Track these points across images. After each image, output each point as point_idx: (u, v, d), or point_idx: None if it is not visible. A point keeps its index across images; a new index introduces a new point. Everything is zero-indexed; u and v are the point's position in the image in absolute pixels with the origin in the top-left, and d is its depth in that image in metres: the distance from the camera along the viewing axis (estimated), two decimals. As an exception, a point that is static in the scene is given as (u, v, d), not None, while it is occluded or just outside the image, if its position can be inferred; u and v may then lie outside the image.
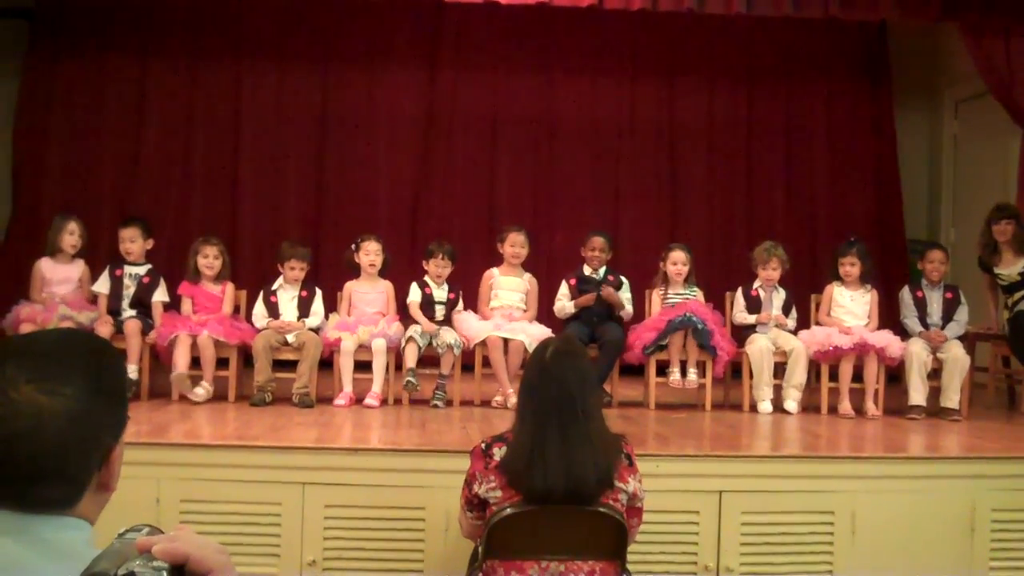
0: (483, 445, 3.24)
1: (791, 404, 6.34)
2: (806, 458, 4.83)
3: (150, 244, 6.63)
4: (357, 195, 8.93)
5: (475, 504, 3.24)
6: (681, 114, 9.29)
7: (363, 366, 6.26)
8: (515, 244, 6.76)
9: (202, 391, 6.11)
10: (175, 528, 1.38)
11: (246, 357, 6.35)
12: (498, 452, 3.19)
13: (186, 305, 6.43)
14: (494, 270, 6.80)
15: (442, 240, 6.90)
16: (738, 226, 9.09)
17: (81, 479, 1.46)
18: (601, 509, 3.12)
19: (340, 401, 6.13)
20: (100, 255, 6.96)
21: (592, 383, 3.39)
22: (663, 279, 6.82)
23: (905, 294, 6.78)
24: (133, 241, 6.55)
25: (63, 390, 1.43)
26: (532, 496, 3.09)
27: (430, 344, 6.32)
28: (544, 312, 6.89)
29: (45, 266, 6.48)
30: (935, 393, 6.36)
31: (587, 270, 6.83)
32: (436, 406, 6.20)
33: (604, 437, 3.21)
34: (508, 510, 3.10)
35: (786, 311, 6.75)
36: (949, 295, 6.70)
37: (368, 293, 6.54)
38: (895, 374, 6.63)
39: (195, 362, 6.19)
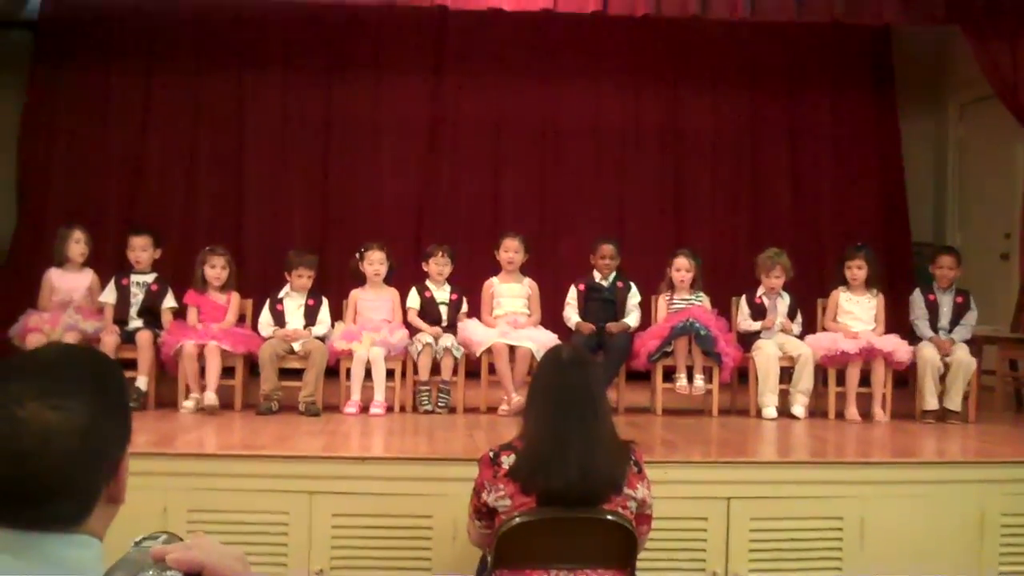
0: (491, 454, 3.24)
1: (798, 409, 6.32)
2: (814, 464, 4.83)
3: (158, 254, 6.64)
4: (362, 203, 8.93)
5: (484, 513, 3.23)
6: (685, 120, 9.29)
7: (371, 374, 6.25)
8: (508, 249, 6.76)
9: (206, 401, 6.10)
10: (193, 536, 1.37)
11: (252, 366, 6.35)
12: (506, 460, 3.18)
13: (192, 314, 6.43)
14: (493, 279, 6.79)
15: (441, 241, 6.91)
16: (743, 231, 9.09)
17: (90, 494, 1.45)
18: (610, 517, 3.11)
19: (350, 409, 6.13)
20: (105, 264, 6.96)
21: (604, 388, 3.41)
22: (669, 285, 6.81)
23: (916, 297, 6.77)
24: (145, 250, 6.57)
25: (69, 405, 1.42)
26: (547, 496, 3.09)
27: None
28: (549, 317, 6.87)
29: (54, 275, 6.51)
30: (940, 396, 6.35)
31: (597, 276, 6.83)
32: (432, 411, 6.20)
33: (616, 441, 3.23)
34: (517, 519, 3.09)
35: (791, 316, 6.75)
36: (959, 299, 6.69)
37: (373, 301, 6.54)
38: (903, 378, 6.62)
39: (200, 372, 6.19)
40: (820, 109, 9.39)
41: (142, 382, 6.11)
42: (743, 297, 6.83)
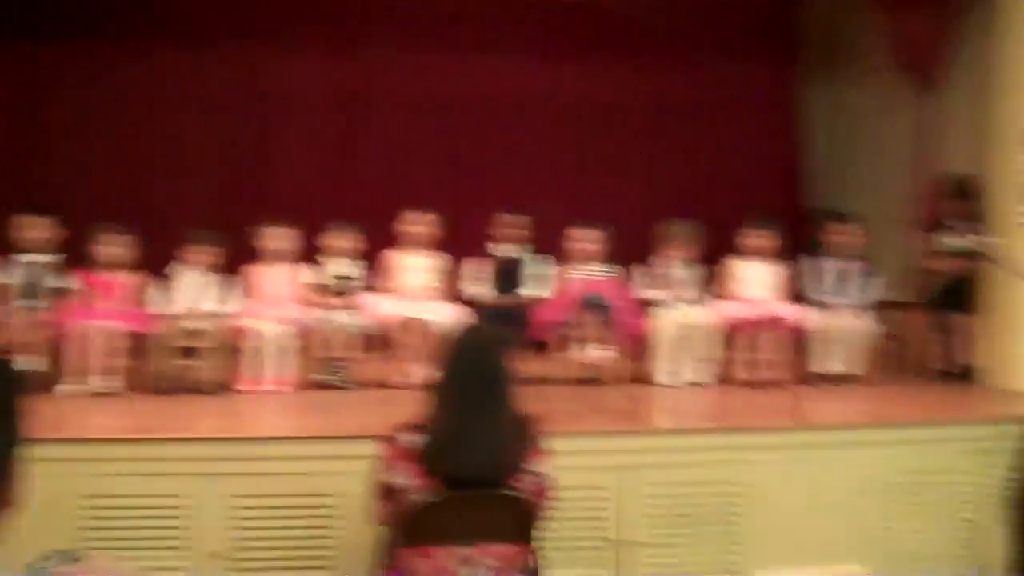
0: (393, 433, 3.22)
1: (699, 376, 6.41)
2: (707, 431, 4.91)
3: (55, 233, 6.44)
4: (269, 175, 8.80)
5: (385, 492, 3.22)
6: (587, 88, 9.30)
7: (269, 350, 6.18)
8: (412, 222, 6.74)
9: (99, 381, 5.97)
10: (89, 557, 1.34)
11: (148, 345, 6.22)
12: (409, 439, 3.17)
13: (84, 294, 6.27)
14: (393, 252, 6.75)
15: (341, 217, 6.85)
16: (643, 199, 9.11)
17: None
18: (509, 492, 3.14)
19: (247, 387, 6.05)
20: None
21: (511, 367, 3.38)
22: (572, 256, 6.84)
23: (807, 263, 6.89)
24: (36, 229, 6.36)
25: None
26: (454, 481, 3.09)
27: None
28: (453, 292, 6.85)
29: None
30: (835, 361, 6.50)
31: (500, 248, 6.83)
32: (330, 384, 6.15)
33: (518, 419, 3.24)
34: (421, 498, 3.09)
35: (692, 284, 6.82)
36: (852, 265, 6.83)
37: (273, 276, 6.46)
38: (799, 343, 6.75)
39: (94, 352, 6.05)
40: (720, 74, 9.42)
41: (29, 362, 5.94)
42: (645, 266, 6.88)
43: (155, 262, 6.85)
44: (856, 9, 8.69)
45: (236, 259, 6.84)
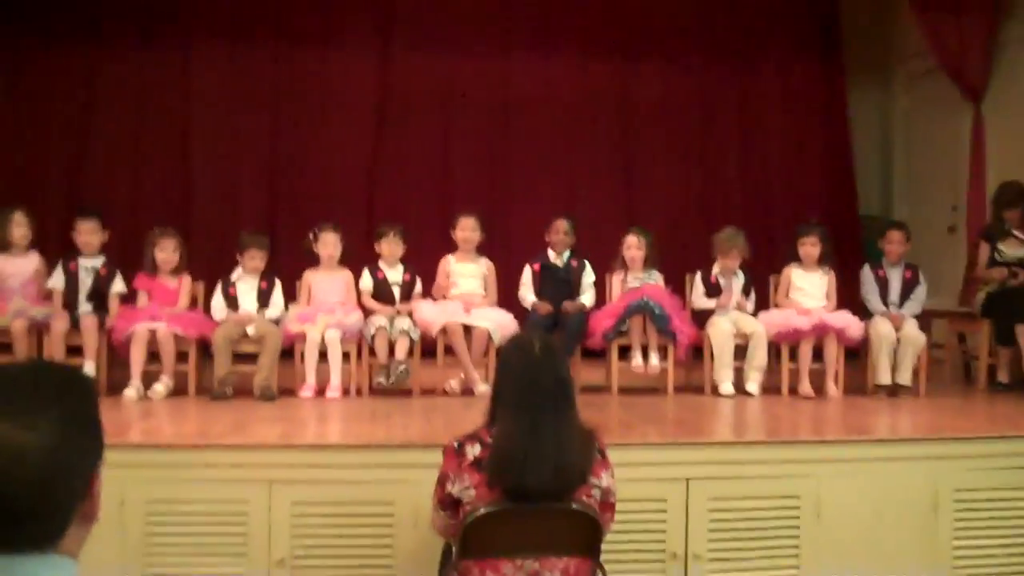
0: (456, 444, 3.22)
1: (753, 386, 6.38)
2: (770, 443, 4.86)
3: (106, 236, 6.52)
4: (312, 180, 8.83)
5: (448, 503, 3.22)
6: (636, 91, 9.30)
7: (325, 356, 6.21)
8: (465, 228, 6.73)
9: (161, 387, 6.04)
10: None
11: (205, 350, 6.28)
12: (471, 451, 3.16)
13: (142, 299, 6.35)
14: (450, 257, 6.76)
15: (392, 221, 6.86)
16: (694, 206, 9.12)
17: (65, 514, 1.43)
18: (575, 506, 3.12)
19: (306, 393, 6.10)
20: (50, 247, 6.83)
21: (572, 378, 3.38)
22: (622, 263, 6.82)
23: (866, 273, 6.84)
24: (93, 234, 6.44)
25: (40, 424, 1.39)
26: (518, 492, 3.08)
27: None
28: (503, 295, 6.86)
29: (-2, 260, 6.37)
30: (891, 371, 6.44)
31: (551, 255, 6.84)
32: (391, 389, 6.15)
33: (583, 431, 3.22)
34: (483, 510, 3.08)
35: (745, 293, 6.79)
36: (908, 274, 6.78)
37: (327, 282, 6.51)
38: (854, 351, 6.70)
39: (152, 357, 6.12)
40: (769, 82, 9.44)
41: (89, 367, 6.02)
42: (698, 274, 6.85)
43: (203, 267, 6.94)
44: (902, 15, 8.62)
45: (288, 265, 6.92)
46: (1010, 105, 7.77)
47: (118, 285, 6.44)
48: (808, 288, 6.71)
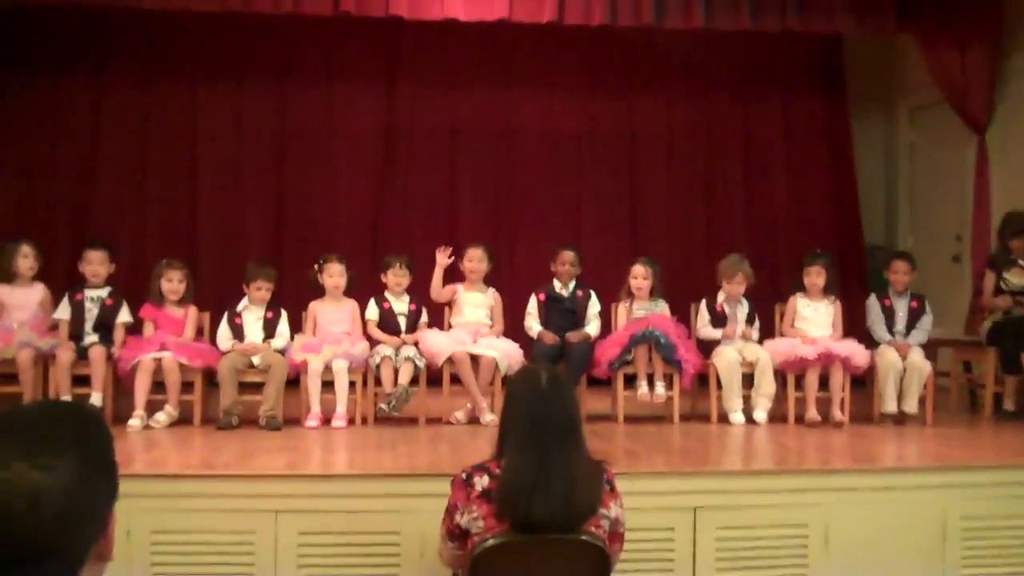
0: (464, 475, 3.21)
1: (760, 414, 6.38)
2: (778, 473, 4.85)
3: (112, 268, 6.54)
4: (317, 213, 8.86)
5: (457, 535, 3.21)
6: (640, 127, 9.32)
7: (331, 386, 6.20)
8: (472, 259, 6.75)
9: (163, 416, 6.03)
10: None
11: (211, 380, 6.28)
12: (479, 482, 3.15)
13: (148, 329, 6.35)
14: (458, 286, 6.77)
15: (399, 252, 6.88)
16: (699, 237, 9.13)
17: (79, 554, 1.43)
18: (584, 537, 3.10)
19: (311, 422, 6.08)
20: (55, 278, 6.86)
21: (580, 410, 3.37)
22: (628, 293, 6.83)
23: (873, 302, 6.85)
24: (102, 264, 6.46)
25: (56, 464, 1.39)
26: (526, 524, 3.07)
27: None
28: (508, 325, 6.86)
29: (3, 291, 6.37)
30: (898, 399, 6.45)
31: (557, 285, 6.85)
32: (389, 412, 6.12)
33: (591, 463, 3.21)
34: (492, 540, 3.07)
35: (750, 322, 6.79)
36: (914, 303, 6.78)
37: (333, 313, 6.51)
38: (860, 380, 6.69)
39: (158, 387, 6.12)
40: (773, 114, 9.47)
41: (96, 399, 6.03)
42: (703, 303, 6.85)
43: (208, 297, 6.95)
44: (905, 48, 8.68)
45: (293, 295, 6.93)
46: (1014, 136, 7.80)
47: (124, 315, 6.45)
48: (814, 317, 6.71)
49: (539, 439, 3.11)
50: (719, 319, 6.75)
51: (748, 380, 6.51)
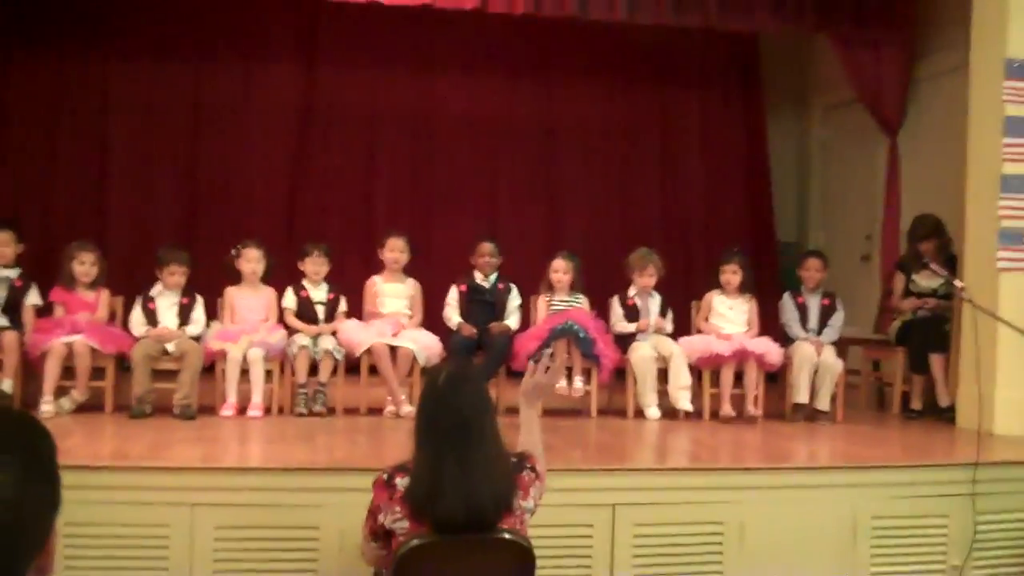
0: (385, 476, 3.17)
1: (684, 403, 6.44)
2: (695, 470, 4.92)
3: (21, 248, 6.34)
4: (232, 195, 8.75)
5: (380, 535, 3.18)
6: (559, 118, 9.35)
7: (247, 374, 6.12)
8: (394, 249, 6.69)
9: (68, 402, 5.90)
10: None
11: (123, 366, 6.14)
12: (400, 482, 3.12)
13: (59, 312, 6.18)
14: (376, 278, 6.71)
15: (316, 239, 6.80)
16: (615, 230, 9.15)
17: (19, 568, 1.39)
18: (506, 536, 3.10)
19: (227, 412, 5.99)
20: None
21: (488, 406, 3.31)
22: (548, 286, 6.85)
23: (786, 300, 6.97)
24: (7, 245, 6.26)
25: (1, 474, 1.35)
26: (437, 525, 3.06)
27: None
28: (427, 315, 6.82)
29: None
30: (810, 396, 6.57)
31: (478, 276, 6.83)
32: (307, 414, 6.09)
33: (501, 460, 3.19)
34: (415, 541, 3.05)
35: (663, 314, 6.83)
36: (826, 301, 6.92)
37: (250, 300, 6.42)
38: (773, 375, 6.81)
39: (68, 372, 5.96)
40: (689, 109, 9.58)
41: (7, 385, 5.87)
42: (615, 299, 6.89)
43: (120, 281, 6.78)
44: (820, 47, 8.83)
45: (207, 280, 6.79)
46: (925, 138, 7.97)
47: (33, 297, 6.27)
48: (730, 314, 6.80)
49: (441, 438, 3.06)
50: (632, 312, 6.79)
51: (666, 374, 6.57)
